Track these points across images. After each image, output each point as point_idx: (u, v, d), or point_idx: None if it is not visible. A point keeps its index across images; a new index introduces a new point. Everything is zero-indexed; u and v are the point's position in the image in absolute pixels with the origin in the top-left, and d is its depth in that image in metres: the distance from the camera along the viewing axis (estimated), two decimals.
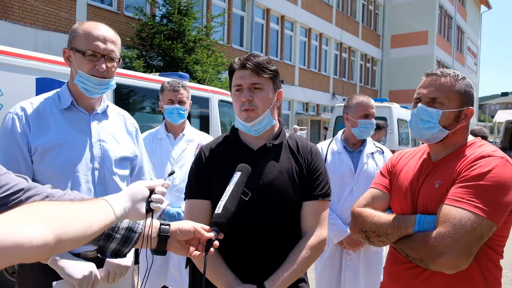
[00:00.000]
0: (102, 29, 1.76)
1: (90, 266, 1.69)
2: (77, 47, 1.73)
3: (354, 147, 2.86)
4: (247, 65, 1.62)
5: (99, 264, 1.75)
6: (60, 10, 10.64)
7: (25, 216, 0.82)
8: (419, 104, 1.63)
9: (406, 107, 13.24)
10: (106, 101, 1.94)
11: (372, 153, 2.83)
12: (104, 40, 1.74)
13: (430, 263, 1.44)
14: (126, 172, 1.92)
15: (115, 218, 1.09)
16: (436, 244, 1.41)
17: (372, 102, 2.81)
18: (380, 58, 29.51)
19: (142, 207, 1.23)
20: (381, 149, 2.87)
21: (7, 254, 0.73)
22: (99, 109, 1.87)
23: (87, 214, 0.97)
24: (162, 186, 1.30)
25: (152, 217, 1.26)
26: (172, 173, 1.47)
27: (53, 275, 1.64)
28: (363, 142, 2.87)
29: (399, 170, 1.76)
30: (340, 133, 2.95)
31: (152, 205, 1.25)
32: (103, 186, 1.79)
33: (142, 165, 2.05)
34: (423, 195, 1.60)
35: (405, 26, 28.52)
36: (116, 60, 1.80)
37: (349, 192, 2.75)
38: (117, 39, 1.80)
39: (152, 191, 1.27)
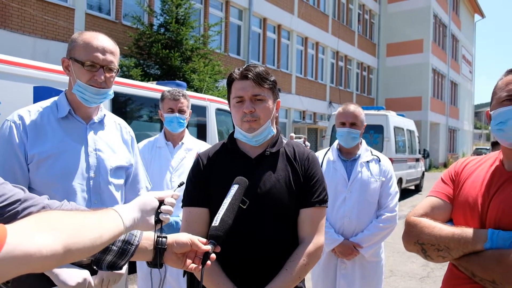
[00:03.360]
0: (101, 40, 1.77)
1: (84, 273, 1.68)
2: (76, 57, 1.74)
3: (348, 155, 2.84)
4: (249, 76, 1.62)
5: (93, 271, 1.74)
6: (59, 19, 10.68)
7: (35, 226, 0.81)
8: None
9: (402, 115, 13.31)
10: (104, 110, 1.95)
11: (368, 161, 2.79)
12: (104, 51, 1.75)
13: (506, 287, 1.27)
14: (121, 181, 1.92)
15: (124, 228, 1.08)
16: None
17: (355, 110, 2.76)
18: (376, 66, 29.68)
19: (151, 218, 1.23)
20: (378, 157, 2.85)
21: (16, 264, 0.73)
22: (96, 118, 1.88)
23: (96, 225, 0.97)
24: (172, 197, 1.30)
25: (161, 228, 1.26)
26: (181, 184, 1.46)
27: (48, 281, 1.63)
28: (356, 150, 2.84)
29: (465, 179, 1.57)
30: (336, 142, 2.95)
31: (161, 216, 1.24)
32: (98, 195, 1.79)
33: (137, 173, 2.06)
34: (495, 208, 1.41)
35: (400, 35, 28.72)
36: (115, 71, 1.81)
37: (342, 201, 2.74)
38: (116, 50, 1.82)
39: (161, 202, 1.27)
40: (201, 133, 6.30)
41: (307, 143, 16.51)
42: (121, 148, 1.95)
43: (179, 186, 1.45)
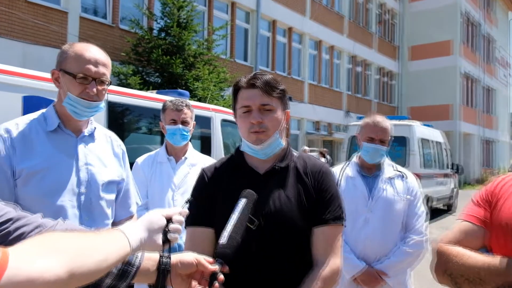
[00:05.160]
0: (93, 52, 1.85)
1: None
2: (67, 69, 1.81)
3: (369, 171, 2.83)
4: (256, 84, 1.65)
5: None
6: (51, 23, 10.89)
7: (37, 249, 0.83)
8: None
9: (429, 125, 13.16)
10: (94, 123, 2.02)
11: (391, 178, 2.78)
12: (96, 63, 1.83)
13: None
14: (113, 196, 1.99)
15: (130, 250, 1.09)
16: None
17: (386, 125, 2.76)
18: (398, 71, 29.65)
19: (159, 238, 1.23)
20: (402, 173, 2.83)
21: None
22: (86, 131, 1.95)
23: (101, 247, 0.98)
24: (180, 214, 1.31)
25: (170, 248, 1.27)
26: (188, 201, 1.47)
27: None
28: (378, 165, 2.82)
29: (502, 200, 1.50)
30: (355, 155, 2.94)
31: (170, 235, 1.25)
32: (89, 212, 1.85)
33: (128, 188, 2.12)
34: None
35: (425, 36, 28.62)
36: (107, 83, 1.88)
37: (364, 222, 2.72)
38: (108, 62, 1.90)
39: (168, 220, 1.27)
40: (205, 147, 6.33)
41: (328, 156, 16.39)
42: (112, 162, 2.02)
43: (186, 202, 1.46)
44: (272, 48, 19.27)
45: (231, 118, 6.71)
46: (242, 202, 1.41)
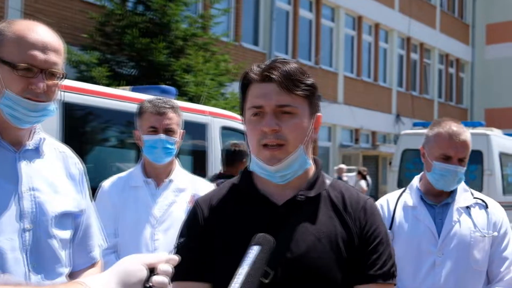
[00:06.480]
0: (41, 33, 1.83)
1: None
2: (4, 58, 1.79)
3: (436, 198, 2.84)
4: (273, 76, 1.64)
5: None
6: None
7: None
8: None
9: (511, 135, 13.08)
10: (41, 132, 2.00)
11: (468, 207, 2.80)
12: (44, 48, 1.81)
13: None
14: (68, 234, 1.97)
15: None
16: None
17: (464, 137, 2.76)
18: (470, 59, 29.65)
19: None
20: (483, 201, 2.83)
21: None
22: (30, 144, 1.93)
23: None
24: (167, 262, 1.31)
25: None
26: (180, 244, 1.49)
27: None
28: (451, 191, 2.83)
29: None
30: (416, 178, 2.95)
31: None
32: (37, 255, 1.82)
33: (90, 224, 2.11)
34: None
35: (508, 12, 28.59)
36: (59, 76, 1.87)
37: (430, 267, 2.73)
38: (61, 46, 1.89)
39: (151, 271, 1.28)
40: (199, 165, 6.33)
41: (368, 178, 16.32)
42: (66, 187, 1.99)
43: (176, 247, 1.46)
44: (293, 27, 19.37)
45: (236, 125, 6.74)
46: (254, 251, 1.41)
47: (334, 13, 21.30)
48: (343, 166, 16.53)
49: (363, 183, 15.56)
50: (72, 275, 1.98)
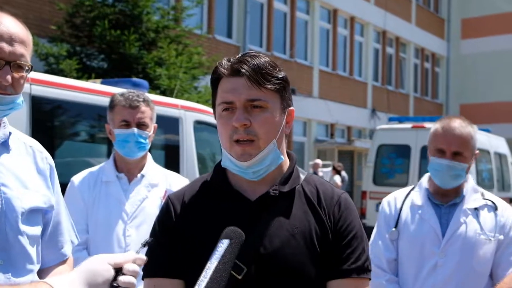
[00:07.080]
0: (7, 24, 1.82)
1: None
2: None
3: (444, 198, 2.84)
4: (242, 70, 1.64)
5: None
6: None
7: None
8: None
9: (487, 130, 13.21)
10: (8, 126, 1.99)
11: (476, 208, 2.79)
12: (10, 40, 1.80)
13: None
14: (38, 230, 1.96)
15: None
16: None
17: (462, 131, 2.73)
18: (446, 54, 29.93)
19: None
20: (493, 202, 2.82)
21: None
22: None
23: None
24: (134, 262, 1.31)
25: None
26: (148, 242, 1.49)
27: None
28: (458, 190, 2.82)
29: None
30: (426, 177, 2.95)
31: None
32: (5, 253, 1.81)
33: (60, 220, 2.10)
34: None
35: (483, 6, 28.83)
36: (26, 69, 1.86)
37: (432, 269, 2.74)
38: (28, 38, 1.88)
39: (118, 270, 1.28)
40: (172, 160, 6.33)
41: (343, 174, 16.43)
42: (35, 182, 1.99)
43: (144, 245, 1.46)
44: (267, 19, 19.37)
45: (210, 119, 6.71)
46: (223, 245, 1.41)
47: (309, 6, 21.35)
48: (318, 161, 16.62)
49: (337, 178, 15.70)
50: (42, 272, 1.98)
